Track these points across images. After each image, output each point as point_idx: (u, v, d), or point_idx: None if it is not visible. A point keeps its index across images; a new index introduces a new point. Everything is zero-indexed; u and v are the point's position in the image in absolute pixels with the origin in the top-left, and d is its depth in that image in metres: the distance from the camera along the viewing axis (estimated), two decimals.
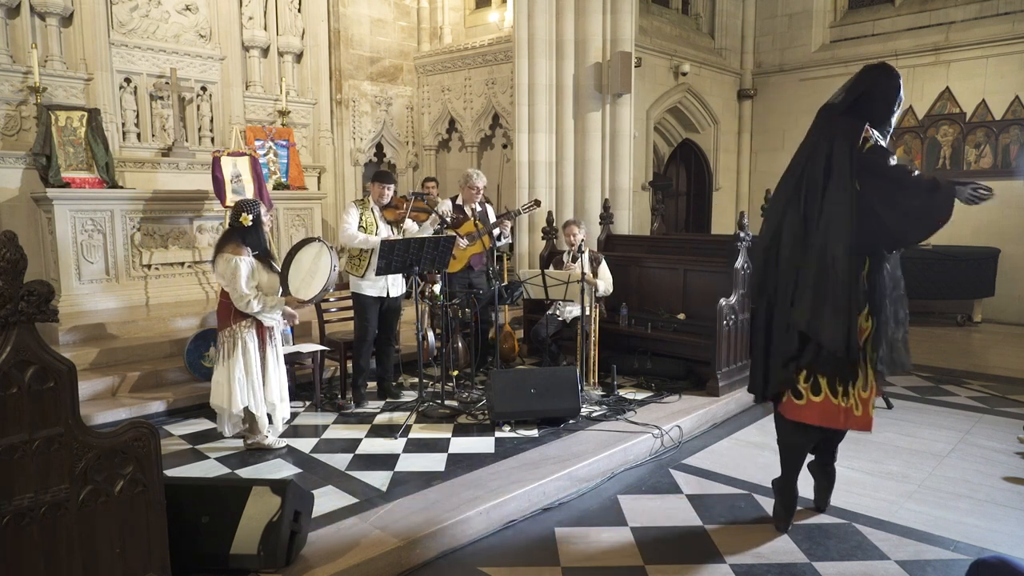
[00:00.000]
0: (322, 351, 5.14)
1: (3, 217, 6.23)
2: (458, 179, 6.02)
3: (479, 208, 5.73)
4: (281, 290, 4.19)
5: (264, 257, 4.17)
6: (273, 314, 4.13)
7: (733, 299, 5.37)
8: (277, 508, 2.80)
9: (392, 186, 5.07)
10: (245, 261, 4.00)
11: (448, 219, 5.26)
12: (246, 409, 4.12)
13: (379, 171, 5.22)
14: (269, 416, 4.24)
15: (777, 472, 3.46)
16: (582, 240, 5.58)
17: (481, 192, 5.71)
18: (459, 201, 5.72)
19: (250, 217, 4.04)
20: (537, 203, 6.09)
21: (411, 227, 5.14)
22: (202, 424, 4.77)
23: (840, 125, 3.10)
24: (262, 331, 4.14)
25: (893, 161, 3.03)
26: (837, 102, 3.20)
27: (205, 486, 3.12)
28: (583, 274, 5.15)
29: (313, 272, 4.23)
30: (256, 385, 4.09)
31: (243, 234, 4.07)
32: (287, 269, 4.25)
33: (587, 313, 5.31)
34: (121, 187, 6.64)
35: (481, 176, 5.69)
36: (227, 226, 4.17)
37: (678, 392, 5.37)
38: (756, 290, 3.39)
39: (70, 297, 6.13)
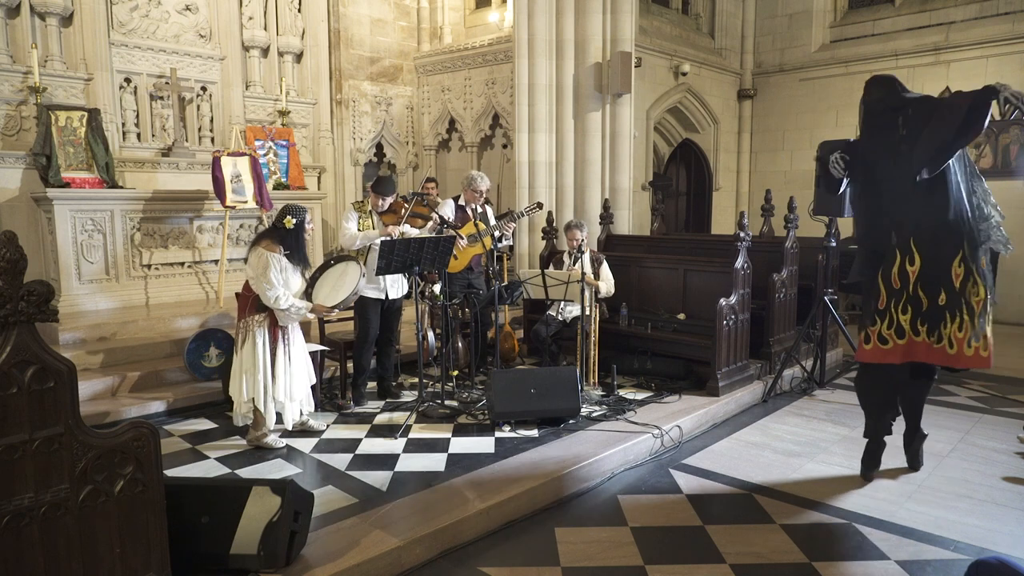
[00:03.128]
0: (322, 351, 5.14)
1: (3, 217, 6.22)
2: (461, 180, 6.03)
3: (480, 209, 5.74)
4: (304, 298, 4.25)
5: (297, 262, 4.25)
6: (298, 315, 4.18)
7: (733, 299, 5.36)
8: (277, 508, 2.80)
9: (389, 198, 5.07)
10: (276, 258, 4.10)
11: (449, 222, 5.26)
12: (253, 402, 4.17)
13: (378, 178, 5.21)
14: (279, 414, 4.27)
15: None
16: (583, 240, 5.59)
17: (484, 195, 5.71)
18: (461, 201, 5.72)
19: (294, 221, 4.18)
20: (539, 205, 6.08)
21: (409, 233, 5.13)
22: (202, 424, 4.77)
23: None
24: (275, 329, 4.18)
25: None
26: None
27: (205, 486, 3.12)
28: (583, 274, 5.16)
29: (339, 284, 4.32)
30: (261, 380, 4.12)
31: (282, 235, 4.20)
32: (314, 281, 4.34)
33: (587, 313, 5.31)
34: (121, 187, 6.63)
35: (484, 179, 5.69)
36: (271, 225, 4.37)
37: (678, 392, 5.37)
38: None
39: (70, 297, 6.13)
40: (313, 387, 4.56)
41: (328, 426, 4.69)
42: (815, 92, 10.51)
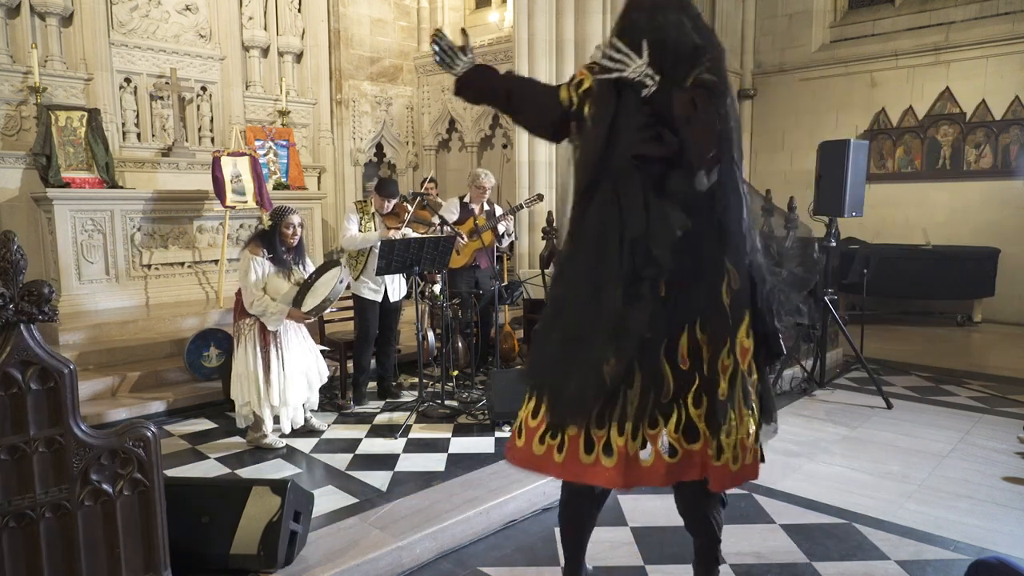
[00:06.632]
0: (322, 351, 5.13)
1: (3, 217, 6.23)
2: (464, 179, 6.04)
3: (487, 207, 5.75)
4: (293, 302, 4.21)
5: (281, 264, 4.25)
6: (272, 320, 4.16)
7: None
8: (277, 508, 2.80)
9: (393, 200, 5.08)
10: (256, 261, 4.13)
11: (449, 223, 5.26)
12: (250, 406, 4.19)
13: (382, 180, 5.21)
14: (277, 417, 4.28)
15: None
16: None
17: (487, 192, 5.72)
18: (467, 199, 5.74)
19: (269, 222, 4.24)
20: (540, 197, 6.06)
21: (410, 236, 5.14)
22: (202, 424, 4.77)
23: None
24: (265, 334, 4.17)
25: None
26: None
27: (205, 486, 3.12)
28: None
29: (325, 289, 4.29)
30: (253, 383, 4.12)
31: (262, 236, 4.26)
32: (308, 286, 4.28)
33: None
34: (121, 187, 6.64)
35: (490, 176, 5.69)
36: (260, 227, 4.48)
37: None
38: None
39: (70, 297, 6.13)
40: (322, 388, 4.57)
41: (328, 426, 4.69)
42: (815, 92, 10.49)
